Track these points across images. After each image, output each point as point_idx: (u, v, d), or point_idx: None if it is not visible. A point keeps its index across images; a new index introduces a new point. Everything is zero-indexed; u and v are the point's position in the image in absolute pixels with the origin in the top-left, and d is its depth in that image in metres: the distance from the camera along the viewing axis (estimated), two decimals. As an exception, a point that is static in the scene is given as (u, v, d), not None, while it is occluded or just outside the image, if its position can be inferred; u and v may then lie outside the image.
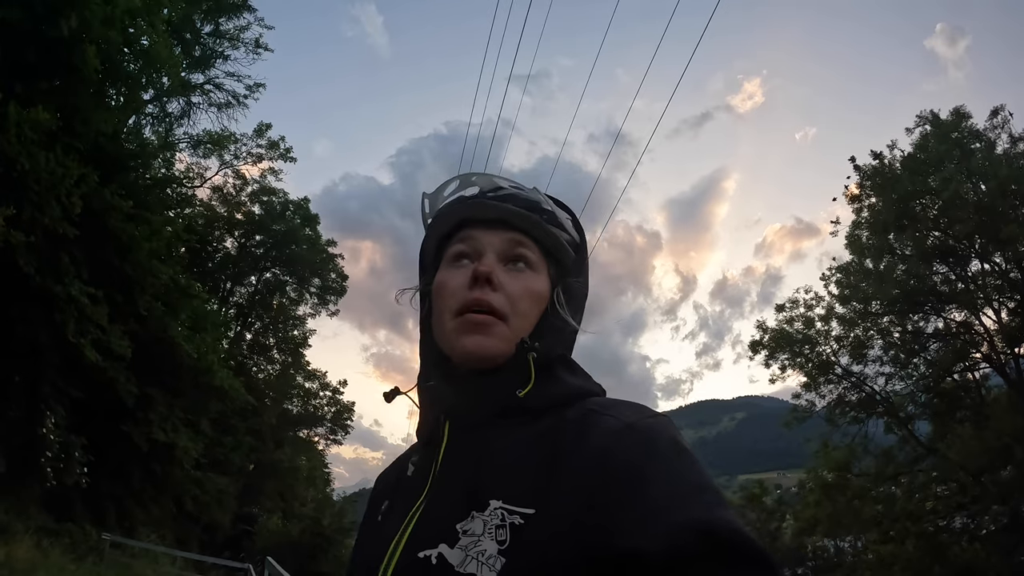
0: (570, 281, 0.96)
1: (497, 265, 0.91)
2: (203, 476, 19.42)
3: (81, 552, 12.68)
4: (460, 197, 0.97)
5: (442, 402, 0.91)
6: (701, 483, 0.72)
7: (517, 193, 0.96)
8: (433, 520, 0.80)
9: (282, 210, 30.67)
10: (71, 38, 12.19)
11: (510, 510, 0.74)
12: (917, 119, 19.20)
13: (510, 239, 0.93)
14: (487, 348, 0.86)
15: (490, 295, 0.87)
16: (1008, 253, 17.44)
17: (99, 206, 14.01)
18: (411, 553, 0.77)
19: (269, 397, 29.46)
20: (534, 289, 0.91)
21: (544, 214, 0.94)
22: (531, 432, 0.82)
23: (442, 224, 0.98)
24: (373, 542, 0.87)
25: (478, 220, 0.95)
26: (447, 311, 0.90)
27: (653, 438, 0.76)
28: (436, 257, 1.00)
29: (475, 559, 0.72)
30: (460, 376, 0.89)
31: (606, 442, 0.76)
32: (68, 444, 13.63)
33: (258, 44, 22.78)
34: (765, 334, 21.26)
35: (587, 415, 0.81)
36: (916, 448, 19.00)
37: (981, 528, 17.25)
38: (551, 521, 0.72)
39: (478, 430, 0.86)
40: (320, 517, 25.74)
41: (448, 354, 0.90)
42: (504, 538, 0.72)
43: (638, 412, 0.81)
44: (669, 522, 0.65)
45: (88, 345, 13.71)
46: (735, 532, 0.65)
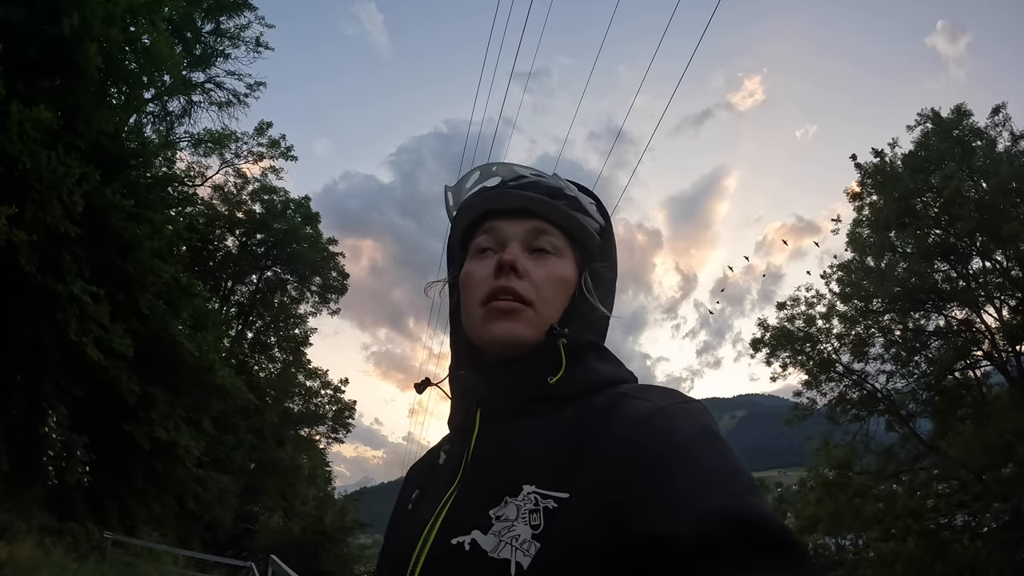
0: (596, 266, 0.96)
1: (521, 253, 0.91)
2: (205, 474, 19.43)
3: (83, 551, 12.68)
4: (482, 188, 0.97)
5: (473, 391, 0.92)
6: (733, 469, 0.71)
7: (539, 180, 0.96)
8: (466, 507, 0.80)
9: (283, 209, 30.68)
10: (72, 37, 12.20)
11: (543, 494, 0.74)
12: (918, 117, 19.21)
13: (533, 227, 0.93)
14: (514, 334, 0.87)
15: (515, 282, 0.88)
16: (1009, 251, 17.42)
17: (100, 205, 14.01)
18: (444, 540, 0.77)
19: (270, 396, 29.48)
20: (559, 275, 0.91)
21: (567, 200, 0.94)
22: (562, 417, 0.82)
23: (465, 216, 0.99)
24: (405, 529, 0.87)
25: (501, 210, 0.95)
26: (474, 301, 0.91)
27: (686, 422, 0.76)
28: (462, 249, 1.01)
29: (509, 544, 0.72)
30: (490, 365, 0.90)
31: (638, 426, 0.76)
32: (70, 443, 13.64)
33: (259, 43, 22.80)
34: (766, 332, 21.24)
35: (618, 399, 0.81)
36: (917, 446, 18.99)
37: (982, 526, 17.22)
38: (585, 505, 0.72)
39: (509, 417, 0.86)
40: (322, 516, 25.78)
41: (477, 343, 0.91)
42: (538, 522, 0.72)
43: (670, 396, 0.81)
44: (700, 507, 0.65)
45: (90, 344, 13.72)
46: (766, 519, 0.65)
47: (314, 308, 32.96)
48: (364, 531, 34.07)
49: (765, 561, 0.62)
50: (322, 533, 24.56)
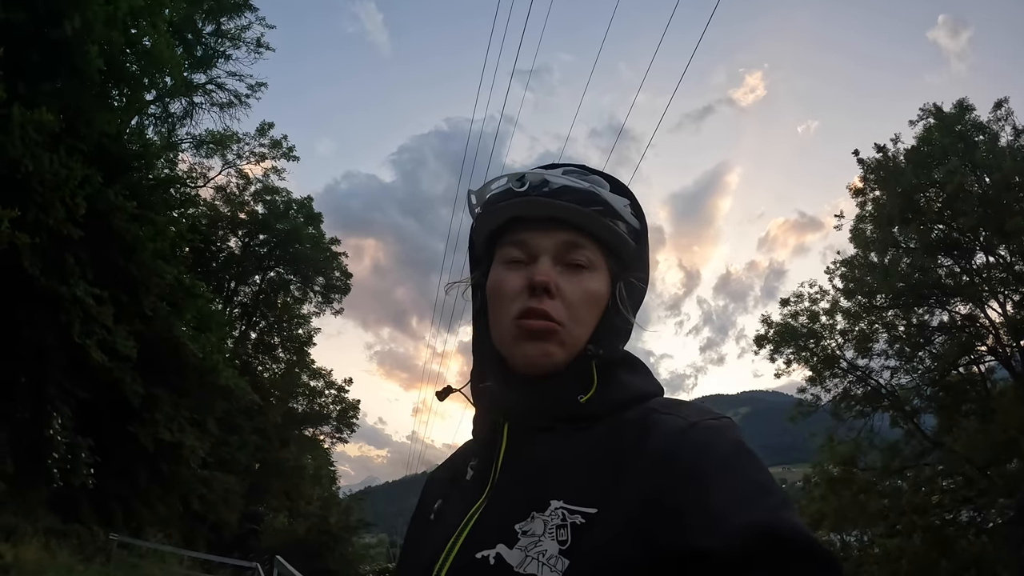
0: (631, 277, 0.93)
1: (553, 270, 0.87)
2: (210, 475, 19.50)
3: (89, 553, 12.73)
4: (509, 190, 0.91)
5: (501, 405, 0.89)
6: (766, 485, 0.71)
7: (570, 185, 0.89)
8: (492, 521, 0.79)
9: (285, 209, 30.69)
10: (74, 39, 12.19)
11: (571, 510, 0.74)
12: (920, 112, 19.16)
13: (565, 241, 0.88)
14: (547, 355, 0.85)
15: (548, 304, 0.85)
16: (1013, 246, 17.38)
17: (103, 207, 14.03)
18: (468, 553, 0.77)
19: (274, 396, 29.56)
20: (593, 291, 0.88)
21: (600, 206, 0.89)
22: (593, 434, 0.82)
23: (492, 219, 0.94)
24: (427, 542, 0.86)
25: (530, 219, 0.90)
26: (505, 314, 0.88)
27: (718, 439, 0.76)
28: (487, 250, 0.97)
29: (535, 559, 0.71)
30: (519, 380, 0.88)
31: (670, 442, 0.75)
32: (75, 445, 13.67)
33: (259, 43, 22.84)
34: (770, 328, 21.20)
35: (648, 415, 0.81)
36: (922, 442, 18.95)
37: (987, 521, 17.19)
38: (614, 520, 0.71)
39: (539, 434, 0.85)
40: (326, 515, 25.89)
41: (506, 357, 0.89)
42: (565, 538, 0.72)
43: (701, 413, 0.81)
44: (734, 523, 0.65)
45: (94, 346, 13.75)
46: (800, 535, 0.65)
47: (317, 308, 33.04)
48: (369, 530, 34.19)
49: (796, 574, 0.63)
50: (327, 533, 24.64)
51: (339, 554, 24.52)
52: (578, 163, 0.99)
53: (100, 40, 12.78)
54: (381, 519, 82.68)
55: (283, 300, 32.24)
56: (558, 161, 1.03)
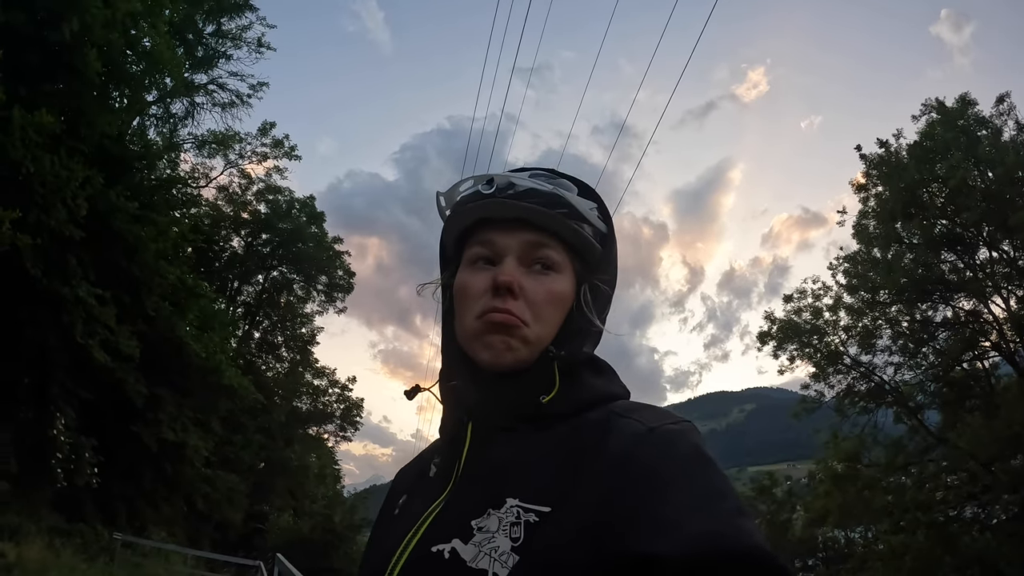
0: (596, 280, 0.94)
1: (518, 270, 0.88)
2: (213, 474, 19.53)
3: (93, 552, 12.77)
4: (478, 192, 0.93)
5: (465, 403, 0.90)
6: (721, 492, 0.71)
7: (536, 188, 0.90)
8: (450, 517, 0.80)
9: (288, 208, 30.74)
10: (73, 41, 12.23)
11: (526, 508, 0.75)
12: (923, 107, 19.10)
13: (530, 241, 0.89)
14: (508, 356, 0.86)
15: (511, 304, 0.86)
16: (1016, 241, 17.31)
17: (105, 208, 14.07)
18: (424, 547, 0.78)
19: (278, 395, 29.58)
20: (557, 292, 0.89)
21: (566, 209, 0.90)
22: (553, 434, 0.83)
23: (460, 220, 0.95)
24: (388, 535, 0.88)
25: (496, 219, 0.91)
26: (468, 314, 0.89)
27: (675, 444, 0.76)
28: (456, 251, 0.98)
29: (488, 555, 0.72)
30: (484, 379, 0.88)
31: (627, 446, 0.76)
32: (78, 445, 13.70)
33: (260, 43, 22.80)
34: (773, 325, 21.17)
35: (609, 418, 0.81)
36: (926, 438, 18.89)
37: (992, 518, 17.15)
38: (567, 521, 0.72)
39: (501, 433, 0.86)
40: (331, 514, 25.95)
41: (470, 354, 0.90)
42: (518, 535, 0.72)
43: (661, 417, 0.81)
44: (686, 530, 0.65)
45: (96, 346, 13.80)
46: (752, 544, 0.65)
47: (320, 307, 33.07)
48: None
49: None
50: (331, 531, 24.72)
51: (343, 553, 24.58)
52: (547, 167, 1.00)
53: (99, 42, 12.83)
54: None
55: (286, 299, 32.28)
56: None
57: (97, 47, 12.68)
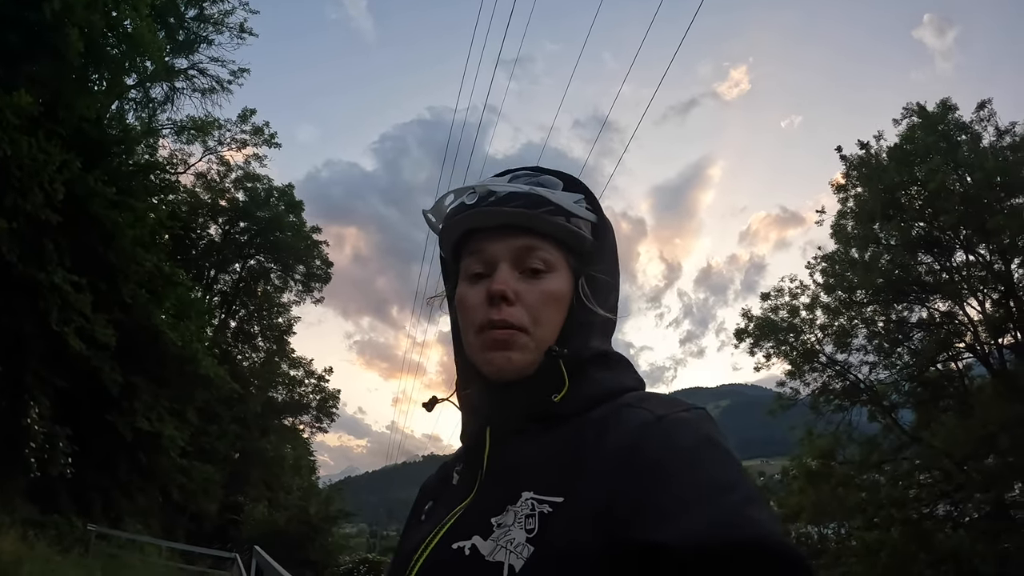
0: (591, 270, 0.92)
1: (511, 276, 0.88)
2: (189, 465, 19.31)
3: (67, 544, 12.54)
4: (462, 204, 0.93)
5: (482, 410, 0.92)
6: (732, 480, 0.70)
7: (516, 191, 0.90)
8: (472, 517, 0.82)
9: (266, 197, 30.41)
10: (54, 21, 11.94)
11: (540, 499, 0.76)
12: (904, 111, 19.35)
13: (519, 245, 0.89)
14: (511, 363, 0.86)
15: (507, 311, 0.86)
16: (992, 245, 17.62)
17: (82, 192, 13.79)
18: (445, 545, 0.80)
19: (254, 385, 29.38)
20: (552, 291, 0.89)
21: (550, 206, 0.89)
22: (566, 429, 0.83)
23: (449, 234, 0.96)
24: (413, 537, 0.89)
25: (483, 229, 0.91)
26: (469, 327, 0.90)
27: (684, 432, 0.76)
28: (455, 264, 0.98)
29: (504, 548, 0.73)
30: (494, 386, 0.89)
31: (636, 434, 0.76)
32: (52, 435, 13.45)
33: (243, 29, 22.47)
34: (751, 322, 21.38)
35: (620, 409, 0.82)
36: (900, 436, 19.21)
37: (964, 516, 17.49)
38: (579, 510, 0.72)
39: (517, 435, 0.86)
40: (306, 506, 25.79)
41: (476, 367, 0.91)
42: (533, 527, 0.73)
43: (671, 405, 0.81)
44: (695, 519, 0.65)
45: (72, 334, 13.54)
46: (764, 532, 0.64)
47: (298, 297, 32.83)
48: (349, 521, 34.10)
49: (758, 572, 0.62)
50: (307, 523, 24.56)
51: (319, 544, 24.45)
52: (531, 166, 1.00)
53: (80, 23, 12.53)
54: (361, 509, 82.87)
55: (263, 288, 31.98)
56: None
57: (78, 27, 12.38)
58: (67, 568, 10.94)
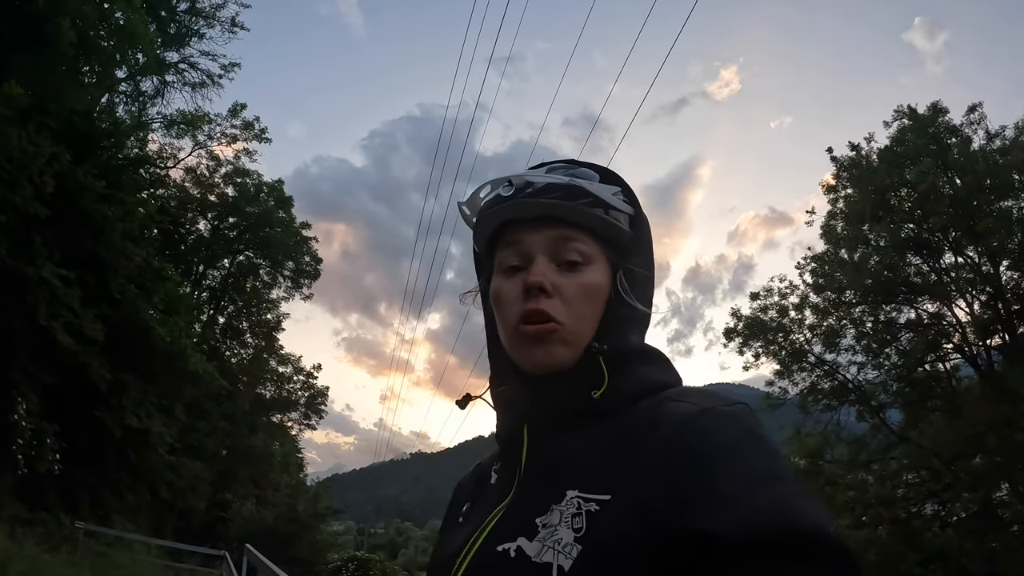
0: (630, 264, 0.92)
1: (548, 267, 0.87)
2: (178, 461, 19.15)
3: (55, 542, 12.39)
4: (498, 196, 0.92)
5: (518, 407, 0.90)
6: (778, 471, 0.70)
7: (555, 182, 0.89)
8: (514, 518, 0.80)
9: (256, 192, 30.24)
10: (46, 12, 11.79)
11: (586, 498, 0.74)
12: (895, 113, 19.52)
13: (556, 236, 0.88)
14: (550, 357, 0.85)
15: (544, 303, 0.84)
16: (981, 247, 17.77)
17: (72, 186, 13.63)
18: (489, 547, 0.79)
19: (242, 382, 29.19)
20: (591, 284, 0.87)
21: (588, 198, 0.88)
22: (608, 425, 0.82)
23: (485, 226, 0.94)
24: (452, 541, 0.89)
25: (520, 220, 0.90)
26: (506, 321, 0.89)
27: (729, 425, 0.75)
28: (488, 257, 0.96)
29: (552, 548, 0.72)
30: (532, 381, 0.87)
31: (681, 427, 0.75)
32: (40, 431, 13.28)
33: (234, 22, 22.34)
34: (740, 322, 21.48)
35: (662, 403, 0.81)
36: (888, 436, 19.39)
37: (952, 515, 17.68)
38: (626, 505, 0.72)
39: (557, 432, 0.85)
40: (294, 503, 25.69)
41: (514, 361, 0.89)
42: (580, 526, 0.72)
43: (715, 399, 0.80)
44: (744, 507, 0.65)
45: (60, 329, 13.37)
46: (812, 522, 0.64)
47: (286, 293, 32.65)
48: (337, 518, 34.01)
49: (811, 565, 0.62)
50: (295, 520, 24.47)
51: (307, 542, 24.37)
52: (567, 158, 0.99)
53: (72, 14, 12.38)
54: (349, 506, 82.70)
55: (252, 284, 31.79)
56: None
57: (71, 18, 12.24)
58: (56, 567, 10.80)
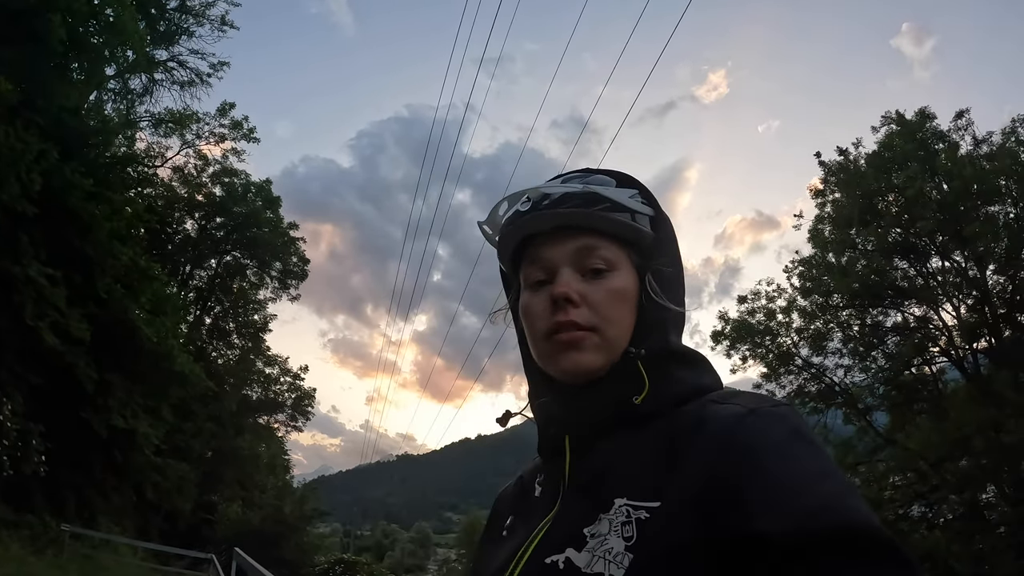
0: (656, 264, 0.91)
1: (573, 277, 0.87)
2: (164, 463, 18.98)
3: (41, 544, 12.24)
4: (516, 211, 0.92)
5: (558, 419, 0.90)
6: (827, 471, 0.70)
7: (570, 191, 0.89)
8: (562, 529, 0.80)
9: (244, 192, 29.98)
10: (36, 7, 11.66)
11: (635, 506, 0.74)
12: (883, 119, 19.64)
13: (578, 246, 0.88)
14: (584, 364, 0.84)
15: (573, 313, 0.84)
16: (968, 251, 17.93)
17: (59, 184, 13.49)
18: (538, 560, 0.78)
19: (229, 383, 28.95)
20: (618, 289, 0.87)
21: (606, 203, 0.88)
22: (652, 431, 0.81)
23: (507, 243, 0.95)
24: (498, 554, 0.88)
25: (540, 233, 0.90)
26: (537, 336, 0.89)
27: (776, 425, 0.75)
28: (514, 273, 0.97)
29: (602, 558, 0.72)
30: (570, 391, 0.88)
31: (728, 428, 0.75)
32: (26, 432, 13.10)
33: (223, 21, 22.22)
34: (727, 325, 21.55)
35: (706, 405, 0.80)
36: (874, 439, 19.53)
37: (939, 516, 17.82)
38: (677, 511, 0.71)
39: (599, 440, 0.84)
40: (281, 505, 25.56)
41: (549, 373, 0.90)
42: (631, 534, 0.72)
43: (760, 400, 0.80)
44: (795, 507, 0.65)
45: (46, 329, 13.24)
46: (865, 521, 0.64)
47: (274, 294, 32.43)
48: (323, 520, 33.83)
49: (864, 563, 0.62)
50: (282, 522, 24.36)
51: (294, 544, 24.26)
52: (581, 168, 1.00)
53: (63, 9, 12.25)
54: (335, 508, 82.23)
55: (239, 285, 31.54)
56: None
57: (61, 13, 12.10)
58: (42, 569, 10.69)
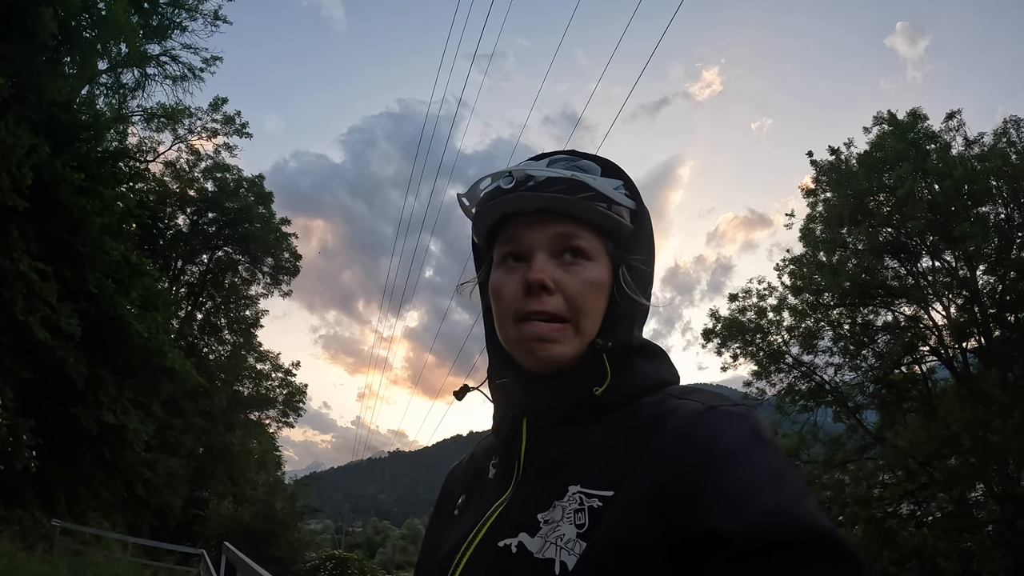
0: (632, 259, 0.90)
1: (549, 263, 0.85)
2: (154, 458, 18.93)
3: (31, 540, 12.19)
4: (498, 188, 0.90)
5: (518, 402, 0.89)
6: (784, 472, 0.70)
7: (555, 176, 0.87)
8: (515, 513, 0.80)
9: (236, 187, 29.91)
10: (27, 1, 11.57)
11: (588, 494, 0.74)
12: (875, 119, 19.69)
13: (557, 232, 0.86)
14: (557, 357, 0.84)
15: (548, 302, 0.83)
16: (958, 251, 17.99)
17: (50, 178, 13.44)
18: (490, 542, 0.78)
19: (220, 379, 28.86)
20: (593, 280, 0.86)
21: (589, 192, 0.86)
22: (610, 422, 0.81)
23: (484, 218, 0.93)
24: (449, 535, 0.88)
25: (520, 213, 0.88)
26: (506, 317, 0.87)
27: (735, 424, 0.75)
28: (488, 249, 0.95)
29: (554, 544, 0.72)
30: (533, 377, 0.86)
31: (686, 425, 0.75)
32: (16, 427, 13.06)
33: (217, 15, 22.07)
34: (718, 323, 21.59)
35: (665, 399, 0.80)
36: (864, 437, 19.59)
37: (928, 514, 17.93)
38: (630, 502, 0.71)
39: (558, 427, 0.85)
40: (272, 501, 25.43)
41: (514, 357, 0.88)
42: (583, 522, 0.72)
43: (719, 399, 0.80)
44: (751, 506, 0.65)
45: (37, 323, 13.20)
46: (817, 523, 0.64)
47: (265, 290, 32.36)
48: (314, 516, 33.74)
49: (815, 563, 0.62)
50: (273, 519, 24.23)
51: (285, 540, 24.13)
52: (568, 150, 0.97)
53: (55, 3, 12.15)
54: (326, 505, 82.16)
55: (231, 281, 31.46)
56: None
57: (53, 7, 12.00)
58: (33, 565, 10.63)
